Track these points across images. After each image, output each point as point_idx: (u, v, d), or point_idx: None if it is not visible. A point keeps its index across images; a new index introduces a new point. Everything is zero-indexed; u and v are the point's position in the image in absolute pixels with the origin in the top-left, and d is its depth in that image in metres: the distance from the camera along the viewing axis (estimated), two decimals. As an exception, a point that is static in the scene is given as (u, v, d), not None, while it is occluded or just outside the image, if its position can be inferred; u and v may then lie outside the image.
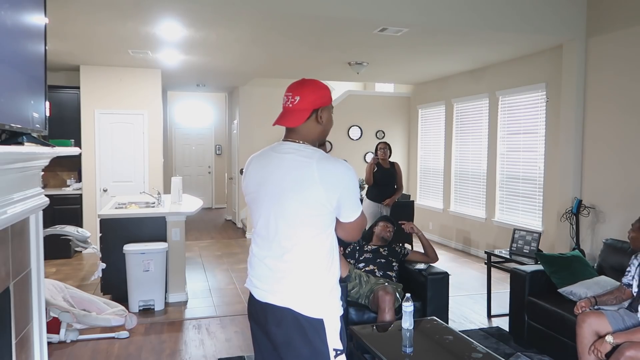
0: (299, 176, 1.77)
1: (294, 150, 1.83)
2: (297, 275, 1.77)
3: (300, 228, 1.78)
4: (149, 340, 4.04)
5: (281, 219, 1.78)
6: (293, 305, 1.75)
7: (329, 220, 1.80)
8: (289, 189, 1.77)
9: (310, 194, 1.74)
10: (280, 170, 1.81)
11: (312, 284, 1.77)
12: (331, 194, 1.75)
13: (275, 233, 1.80)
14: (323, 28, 5.03)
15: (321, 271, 1.78)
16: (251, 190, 1.89)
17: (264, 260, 1.83)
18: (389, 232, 4.07)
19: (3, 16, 1.85)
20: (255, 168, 1.89)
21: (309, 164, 1.77)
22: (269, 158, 1.86)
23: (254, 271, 1.87)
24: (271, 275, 1.81)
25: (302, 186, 1.75)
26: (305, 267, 1.77)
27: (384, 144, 6.23)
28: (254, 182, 1.88)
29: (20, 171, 2.17)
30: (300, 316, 1.74)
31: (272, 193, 1.81)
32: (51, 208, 4.88)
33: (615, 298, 3.21)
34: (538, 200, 6.16)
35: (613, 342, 2.77)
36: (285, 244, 1.78)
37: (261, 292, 1.83)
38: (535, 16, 5.04)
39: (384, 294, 3.43)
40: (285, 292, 1.77)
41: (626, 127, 4.73)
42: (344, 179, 1.79)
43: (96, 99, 7.21)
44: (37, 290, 2.55)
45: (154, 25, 4.95)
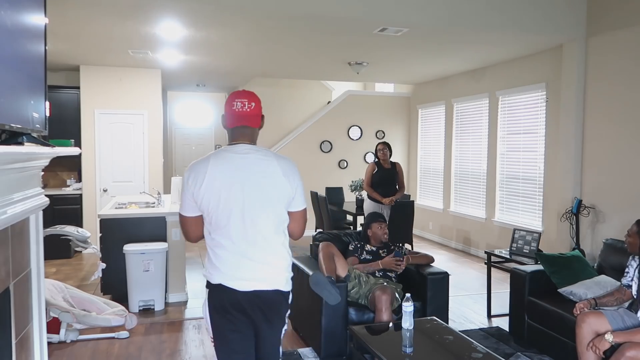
0: (268, 173, 2.04)
1: (252, 151, 2.08)
2: (278, 260, 2.08)
3: (279, 216, 2.08)
4: (149, 340, 4.03)
5: (265, 211, 2.03)
6: (280, 286, 2.08)
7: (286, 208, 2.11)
8: (267, 184, 2.03)
9: (280, 187, 2.05)
10: (252, 169, 2.04)
11: (287, 265, 2.11)
12: (293, 185, 2.08)
13: (253, 226, 2.02)
14: (323, 28, 5.03)
15: (288, 253, 2.13)
16: (217, 192, 2.01)
17: (244, 254, 2.03)
18: (385, 234, 4.06)
19: (3, 16, 1.85)
20: (217, 170, 2.03)
21: (271, 161, 2.07)
22: (231, 161, 2.05)
23: (232, 267, 2.03)
24: (255, 266, 2.04)
25: (273, 181, 2.04)
26: (282, 252, 2.09)
27: (383, 145, 6.21)
28: (221, 183, 2.02)
29: (20, 171, 2.17)
30: (283, 292, 2.11)
31: (245, 191, 2.02)
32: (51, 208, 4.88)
33: (615, 299, 3.21)
34: (538, 200, 6.16)
35: (612, 340, 2.77)
36: (266, 234, 2.04)
37: (246, 282, 2.03)
38: (535, 16, 5.04)
39: (380, 294, 3.42)
40: (272, 276, 2.07)
41: (626, 127, 4.73)
42: (297, 172, 2.13)
43: (96, 99, 7.21)
44: (37, 290, 2.55)
45: (154, 25, 4.95)
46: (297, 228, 2.19)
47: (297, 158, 8.88)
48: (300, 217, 2.17)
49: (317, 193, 7.32)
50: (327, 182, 8.69)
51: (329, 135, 9.17)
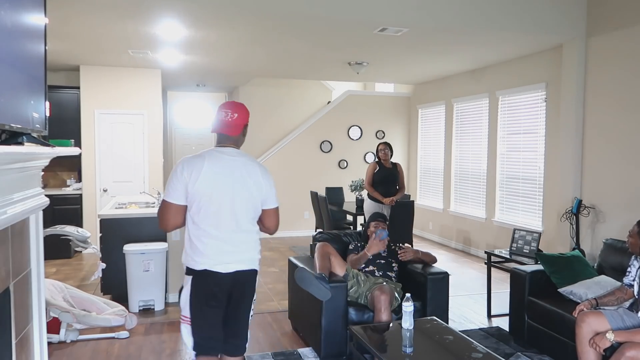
0: (252, 175, 2.47)
1: (239, 155, 2.50)
2: (253, 245, 2.53)
3: (257, 211, 2.52)
4: (149, 340, 4.03)
5: (248, 206, 2.46)
6: (254, 265, 2.53)
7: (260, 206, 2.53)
8: (251, 184, 2.45)
9: (260, 187, 2.48)
10: (240, 170, 2.45)
11: (259, 249, 2.58)
12: (268, 187, 2.52)
13: (244, 217, 2.46)
14: (323, 28, 5.03)
15: (259, 240, 2.58)
16: (212, 186, 2.38)
17: (227, 241, 2.42)
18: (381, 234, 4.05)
19: (3, 16, 1.85)
20: (212, 168, 2.40)
21: (254, 165, 2.51)
22: (223, 161, 2.44)
23: (217, 252, 2.40)
24: (235, 250, 2.45)
25: (255, 181, 2.46)
26: (256, 239, 2.55)
27: (384, 145, 6.22)
28: (215, 179, 2.39)
29: (20, 171, 2.17)
30: (257, 271, 2.55)
31: (239, 188, 2.42)
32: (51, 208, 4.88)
33: (616, 299, 3.20)
34: (538, 200, 6.16)
35: (613, 339, 2.77)
36: (245, 224, 2.47)
37: (229, 265, 2.42)
38: (535, 16, 5.04)
39: (379, 294, 3.42)
40: (249, 258, 2.50)
41: (626, 126, 4.73)
42: (271, 176, 2.58)
43: (96, 99, 7.21)
44: (37, 290, 2.55)
45: (154, 25, 4.95)
46: (271, 223, 2.60)
47: (297, 158, 8.94)
48: (274, 213, 2.59)
49: (317, 193, 7.32)
50: (327, 182, 8.69)
51: (329, 135, 9.17)
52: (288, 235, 8.83)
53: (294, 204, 8.90)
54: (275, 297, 5.18)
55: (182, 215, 2.43)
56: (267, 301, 5.06)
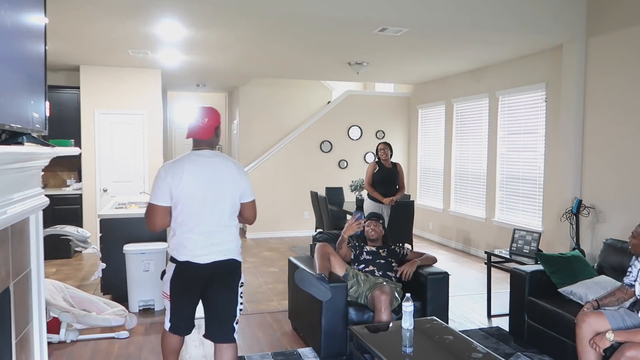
0: (227, 173, 2.72)
1: (214, 155, 2.73)
2: (232, 237, 2.77)
3: (234, 205, 2.75)
4: (149, 340, 4.03)
5: (226, 201, 2.70)
6: (233, 255, 2.76)
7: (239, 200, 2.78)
8: (227, 181, 2.71)
9: (236, 183, 2.73)
10: (217, 169, 2.69)
11: (237, 242, 2.81)
12: (244, 182, 2.78)
13: (223, 211, 2.70)
14: (323, 28, 5.03)
15: (238, 233, 2.83)
16: (193, 187, 2.62)
17: (208, 235, 2.67)
18: (372, 232, 4.04)
19: (3, 16, 1.85)
20: (192, 170, 2.64)
21: (229, 164, 2.76)
22: (201, 163, 2.68)
23: (197, 246, 2.66)
24: (215, 242, 2.69)
25: (232, 178, 2.72)
26: (235, 232, 2.79)
27: (384, 145, 6.21)
28: (195, 181, 2.63)
29: (20, 171, 2.17)
30: (236, 261, 2.77)
31: (217, 186, 2.67)
32: (51, 208, 4.88)
33: (617, 300, 3.20)
34: (538, 200, 6.16)
35: (613, 339, 2.77)
36: (224, 219, 2.72)
37: (206, 256, 2.67)
38: (535, 16, 5.04)
39: (380, 294, 3.43)
40: (228, 249, 2.73)
41: (626, 126, 4.73)
42: (245, 172, 2.83)
43: (96, 99, 7.21)
44: (37, 290, 2.55)
45: (154, 25, 4.95)
46: (249, 214, 2.87)
47: (297, 158, 8.94)
48: (251, 205, 2.85)
49: (317, 193, 7.32)
50: (327, 182, 8.70)
51: (329, 135, 9.17)
52: (288, 235, 8.83)
53: (294, 204, 8.90)
54: (275, 297, 5.18)
55: (169, 215, 2.67)
56: (267, 301, 5.06)
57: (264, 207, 8.68)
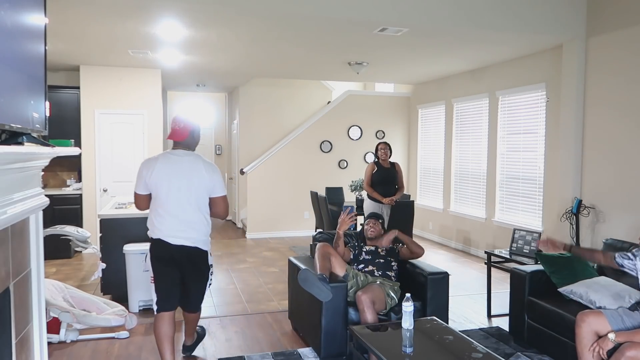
0: (196, 170, 3.18)
1: (186, 155, 3.23)
2: (197, 228, 3.20)
3: (200, 199, 3.19)
4: (149, 340, 4.03)
5: (190, 194, 3.15)
6: (198, 244, 3.21)
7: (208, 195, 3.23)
8: (193, 177, 3.17)
9: (203, 179, 3.18)
10: (184, 167, 3.18)
11: (204, 232, 3.24)
12: (212, 179, 3.22)
13: (187, 203, 3.15)
14: (323, 28, 5.04)
15: (205, 225, 3.24)
16: (161, 180, 3.14)
17: (178, 218, 3.15)
18: (371, 230, 4.07)
19: (3, 16, 1.85)
20: (162, 166, 3.17)
21: (198, 162, 3.22)
22: (172, 160, 3.19)
23: (169, 226, 3.14)
24: (181, 228, 3.15)
25: (199, 175, 3.18)
26: (201, 223, 3.21)
27: (384, 144, 6.21)
28: (164, 174, 3.15)
29: (20, 171, 2.17)
30: (202, 249, 3.24)
31: (182, 180, 3.14)
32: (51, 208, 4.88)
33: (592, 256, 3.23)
34: (538, 200, 6.16)
35: (615, 340, 2.77)
36: (189, 209, 3.16)
37: (177, 239, 3.15)
38: (535, 16, 5.04)
39: (361, 294, 3.44)
40: (193, 237, 3.18)
41: (626, 126, 4.74)
42: (215, 170, 3.27)
43: (96, 99, 7.21)
44: (37, 290, 2.55)
45: (154, 25, 4.95)
46: (219, 209, 3.28)
47: (297, 158, 8.94)
48: (220, 200, 3.27)
49: (317, 193, 7.32)
50: (327, 182, 8.70)
51: (329, 135, 9.17)
52: (288, 235, 8.83)
53: (294, 204, 8.90)
54: (275, 297, 5.18)
55: (148, 201, 3.25)
56: (267, 301, 5.06)
57: (264, 207, 8.71)
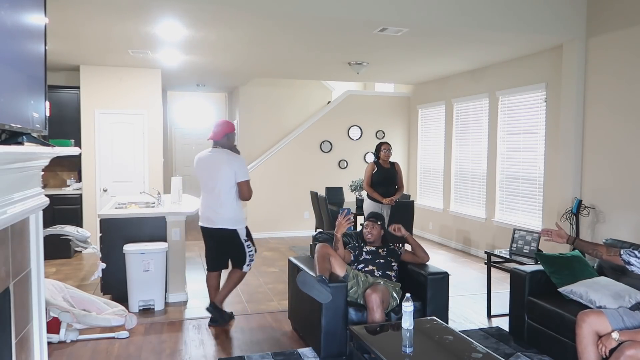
0: (220, 162, 4.13)
1: (216, 152, 4.20)
2: (227, 209, 4.14)
3: (223, 186, 4.10)
4: (149, 340, 4.04)
5: (218, 184, 4.11)
6: (227, 225, 4.16)
7: (234, 183, 4.12)
8: (219, 169, 4.11)
9: (226, 170, 4.10)
10: (213, 161, 4.19)
11: (231, 213, 4.16)
12: (233, 168, 4.09)
13: (215, 190, 4.13)
14: (323, 28, 5.04)
15: (237, 208, 4.18)
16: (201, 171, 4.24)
17: (210, 206, 4.18)
18: (368, 235, 4.05)
19: (3, 16, 1.85)
20: (199, 161, 4.28)
21: (222, 157, 4.15)
22: (208, 156, 4.24)
23: (202, 211, 4.27)
24: (210, 213, 4.19)
25: (222, 166, 4.11)
26: (225, 206, 4.13)
27: (387, 145, 6.18)
28: (199, 168, 4.27)
29: (20, 171, 2.18)
30: (228, 229, 4.16)
31: (212, 171, 4.15)
32: (51, 208, 4.88)
33: (594, 250, 3.08)
34: (538, 200, 6.16)
35: (618, 339, 2.77)
36: (220, 195, 4.12)
37: (206, 222, 4.22)
38: (535, 16, 5.04)
39: (370, 292, 3.43)
40: (222, 218, 4.15)
41: (626, 126, 4.74)
42: (236, 162, 4.13)
43: (96, 99, 7.21)
44: (37, 290, 2.55)
45: (154, 25, 4.95)
46: (242, 191, 4.15)
47: (297, 158, 8.94)
48: (242, 184, 4.12)
49: (317, 193, 7.32)
50: (327, 182, 8.70)
51: (329, 135, 9.17)
52: (288, 235, 8.83)
53: (294, 204, 8.90)
54: (275, 297, 5.18)
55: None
56: (267, 301, 5.06)
57: (264, 207, 8.71)
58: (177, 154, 12.33)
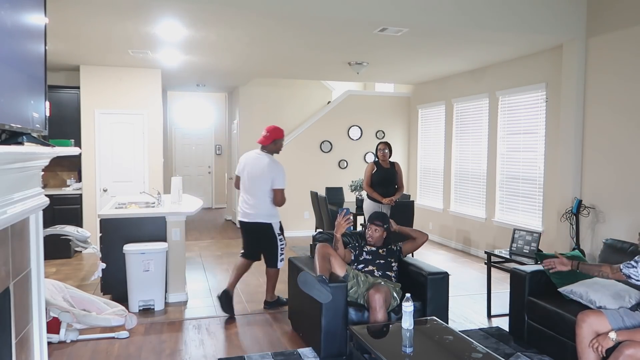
0: (261, 166, 4.59)
1: (260, 155, 4.66)
2: (262, 207, 4.58)
3: (260, 187, 4.56)
4: (149, 340, 4.04)
5: (256, 185, 4.58)
6: (261, 219, 4.60)
7: (270, 188, 4.55)
8: (260, 173, 4.57)
9: (265, 173, 4.55)
10: (257, 163, 4.63)
11: (266, 210, 4.59)
12: (271, 174, 4.54)
13: (252, 190, 4.60)
14: (323, 28, 5.04)
15: (270, 205, 4.59)
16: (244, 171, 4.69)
17: (247, 202, 4.62)
18: (369, 238, 4.04)
19: (3, 16, 1.85)
20: (247, 161, 4.73)
21: (265, 162, 4.59)
22: (254, 158, 4.69)
23: (240, 205, 4.70)
24: (246, 208, 4.63)
25: (263, 172, 4.56)
26: (260, 204, 4.58)
27: (384, 145, 6.20)
28: (246, 167, 4.69)
29: (20, 171, 2.18)
30: (262, 223, 4.61)
31: (253, 173, 4.60)
32: (51, 208, 4.88)
33: (599, 272, 3.14)
34: (538, 200, 6.16)
35: (616, 339, 2.77)
36: (257, 196, 4.58)
37: (242, 216, 4.67)
38: (535, 16, 5.04)
39: (374, 292, 3.43)
40: (257, 214, 4.60)
41: (626, 126, 4.74)
42: (274, 169, 4.57)
43: (96, 99, 7.21)
44: (37, 290, 2.55)
45: (154, 25, 4.95)
46: (275, 198, 4.57)
47: (297, 158, 8.94)
48: (278, 192, 4.56)
49: (317, 193, 7.32)
50: (327, 182, 8.69)
51: (329, 135, 9.17)
52: (288, 235, 8.70)
53: (294, 204, 8.86)
54: (275, 297, 5.18)
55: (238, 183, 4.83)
56: (267, 301, 5.06)
57: (264, 207, 8.70)
58: (177, 154, 12.34)
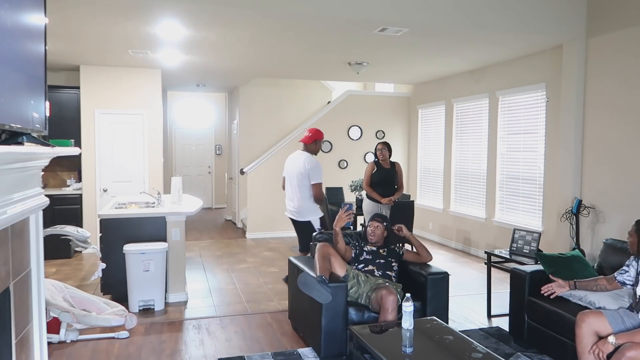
0: (301, 164, 5.08)
1: (301, 154, 5.17)
2: (302, 204, 5.07)
3: (301, 183, 5.04)
4: (149, 340, 4.04)
5: (296, 181, 5.07)
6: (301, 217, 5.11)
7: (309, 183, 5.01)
8: (299, 170, 5.06)
9: (303, 169, 5.04)
10: (297, 161, 5.14)
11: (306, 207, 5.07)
12: (307, 169, 5.00)
13: (293, 186, 5.12)
14: (323, 28, 5.04)
15: (310, 202, 5.05)
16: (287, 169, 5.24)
17: (291, 199, 5.16)
18: (370, 235, 4.05)
19: (3, 16, 1.85)
20: (290, 159, 5.28)
21: (303, 159, 5.09)
22: (295, 156, 5.22)
23: (286, 202, 5.24)
24: (293, 205, 5.15)
25: (300, 167, 5.06)
26: (304, 200, 5.06)
27: (382, 145, 6.20)
28: (289, 165, 5.24)
29: (20, 171, 2.18)
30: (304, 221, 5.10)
31: (294, 171, 5.12)
32: (51, 208, 4.88)
33: (597, 285, 3.25)
34: (538, 200, 6.16)
35: (615, 342, 2.77)
36: (297, 191, 5.07)
37: (288, 212, 5.22)
38: (535, 16, 5.04)
39: (387, 294, 3.43)
40: (298, 211, 5.11)
41: (626, 126, 4.74)
42: (311, 166, 5.01)
43: (96, 99, 7.21)
44: (37, 290, 2.55)
45: (154, 25, 4.95)
46: (313, 192, 5.00)
47: (297, 158, 8.91)
48: (314, 186, 4.99)
49: (317, 193, 7.30)
50: (327, 182, 8.65)
51: (329, 135, 9.16)
52: (288, 235, 8.81)
53: (294, 204, 8.88)
54: (275, 297, 5.18)
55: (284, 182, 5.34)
56: (267, 301, 5.06)
57: (264, 207, 8.70)
58: (177, 154, 12.34)
